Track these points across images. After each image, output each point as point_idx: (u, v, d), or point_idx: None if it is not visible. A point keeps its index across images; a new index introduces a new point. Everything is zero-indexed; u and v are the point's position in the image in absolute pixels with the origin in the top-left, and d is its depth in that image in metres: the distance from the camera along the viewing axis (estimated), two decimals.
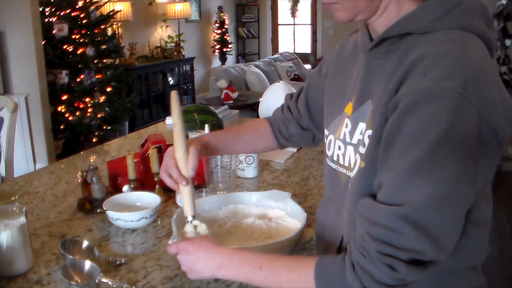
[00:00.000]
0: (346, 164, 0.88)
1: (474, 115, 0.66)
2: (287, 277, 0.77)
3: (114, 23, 5.71)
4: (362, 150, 0.81)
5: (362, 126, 0.83)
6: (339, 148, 0.90)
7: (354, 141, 0.85)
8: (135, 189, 1.41)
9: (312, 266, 0.75)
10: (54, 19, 4.44)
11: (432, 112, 0.66)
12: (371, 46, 0.83)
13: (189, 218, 0.98)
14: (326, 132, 0.98)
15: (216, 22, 8.30)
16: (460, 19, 0.75)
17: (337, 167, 0.91)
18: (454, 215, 0.68)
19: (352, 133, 0.86)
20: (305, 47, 9.04)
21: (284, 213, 1.17)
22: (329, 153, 0.94)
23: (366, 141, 0.80)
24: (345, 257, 0.73)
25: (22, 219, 1.05)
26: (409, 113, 0.68)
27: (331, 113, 0.96)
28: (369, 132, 0.79)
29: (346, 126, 0.88)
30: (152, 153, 1.42)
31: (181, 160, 0.98)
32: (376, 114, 0.76)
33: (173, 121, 1.01)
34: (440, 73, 0.67)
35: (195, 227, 0.98)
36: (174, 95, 1.04)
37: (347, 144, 0.87)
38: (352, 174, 0.85)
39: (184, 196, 0.99)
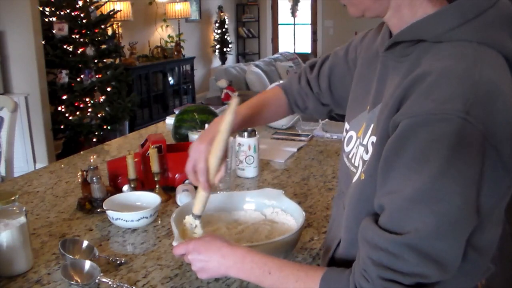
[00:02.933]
0: (356, 164, 0.86)
1: (478, 141, 0.62)
2: (294, 287, 0.78)
3: (114, 22, 5.70)
4: (365, 156, 0.80)
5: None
6: (357, 147, 0.88)
7: (365, 142, 0.84)
8: (135, 189, 1.41)
9: (318, 280, 0.75)
10: (54, 19, 4.44)
11: (433, 137, 0.63)
12: (385, 48, 0.80)
13: (196, 214, 1.02)
14: (347, 126, 0.95)
15: (216, 21, 8.29)
16: (478, 32, 0.69)
17: (349, 165, 0.90)
18: (456, 241, 0.66)
19: (365, 133, 0.84)
20: (305, 47, 9.04)
21: (279, 211, 1.17)
22: (346, 149, 0.92)
23: (369, 147, 0.79)
24: (349, 276, 0.72)
25: (22, 219, 1.05)
26: (409, 136, 0.65)
27: (355, 108, 0.93)
28: (373, 138, 0.77)
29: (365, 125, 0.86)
30: (152, 153, 1.42)
31: (212, 168, 0.98)
32: (380, 124, 0.74)
33: (221, 127, 0.97)
34: (442, 94, 0.64)
35: (195, 225, 1.02)
36: (234, 103, 0.97)
37: (360, 145, 0.86)
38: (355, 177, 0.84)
39: (199, 197, 1.01)
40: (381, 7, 0.77)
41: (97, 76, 4.59)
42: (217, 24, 8.28)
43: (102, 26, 4.78)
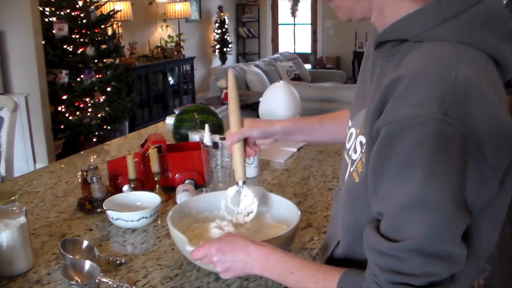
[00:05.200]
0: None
1: (459, 142, 0.62)
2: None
3: (114, 22, 5.71)
4: (354, 155, 0.80)
5: None
6: (356, 144, 0.88)
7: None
8: (135, 189, 1.41)
9: (336, 281, 0.75)
10: (54, 19, 4.44)
11: (414, 142, 0.62)
12: (374, 47, 0.80)
13: (240, 183, 1.08)
14: (349, 123, 0.95)
15: (216, 21, 8.30)
16: (458, 31, 0.68)
17: (349, 162, 0.90)
18: (454, 238, 0.65)
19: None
20: (305, 47, 9.04)
21: (268, 208, 1.16)
22: (347, 145, 0.92)
23: (357, 146, 0.79)
24: (363, 281, 0.72)
25: (22, 219, 1.05)
26: (391, 143, 0.65)
27: (356, 106, 0.93)
28: (361, 138, 0.78)
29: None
30: (152, 152, 1.42)
31: (233, 125, 1.14)
32: (366, 126, 0.74)
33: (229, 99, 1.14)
34: (418, 97, 0.63)
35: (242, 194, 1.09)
36: (230, 74, 1.13)
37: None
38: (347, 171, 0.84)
39: (234, 161, 1.10)
40: (364, 9, 0.77)
41: (97, 76, 4.59)
42: (217, 24, 8.28)
43: (102, 26, 4.78)
